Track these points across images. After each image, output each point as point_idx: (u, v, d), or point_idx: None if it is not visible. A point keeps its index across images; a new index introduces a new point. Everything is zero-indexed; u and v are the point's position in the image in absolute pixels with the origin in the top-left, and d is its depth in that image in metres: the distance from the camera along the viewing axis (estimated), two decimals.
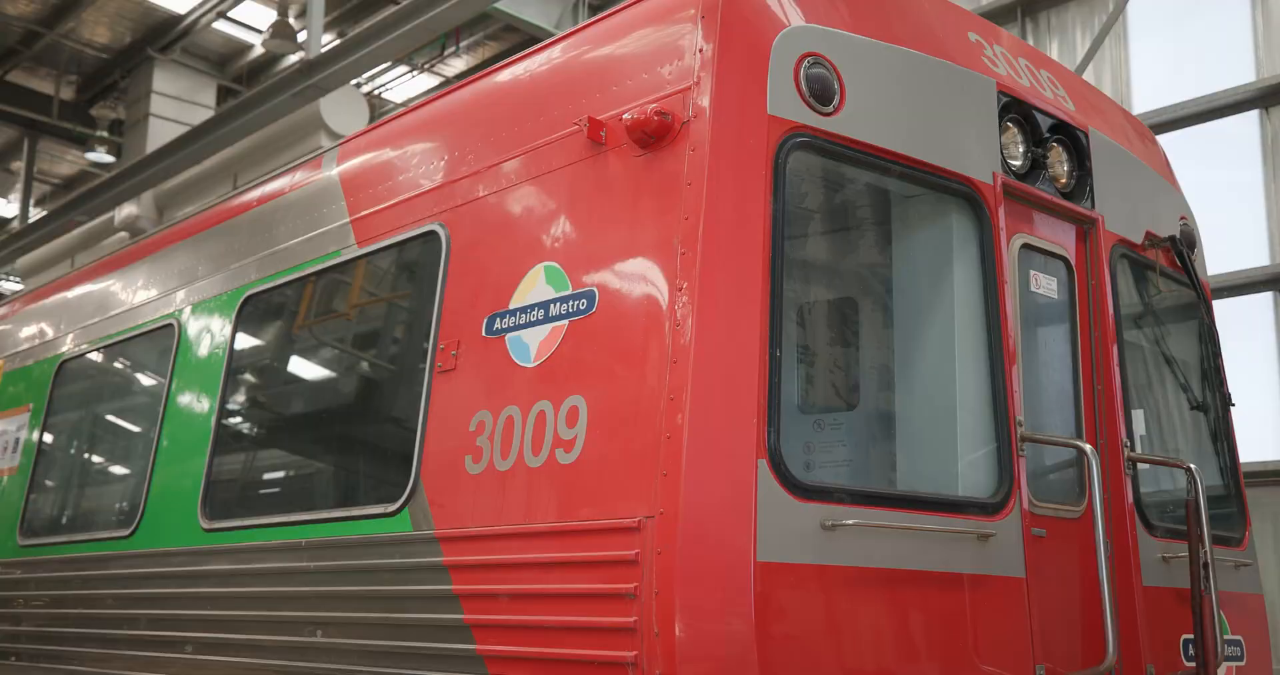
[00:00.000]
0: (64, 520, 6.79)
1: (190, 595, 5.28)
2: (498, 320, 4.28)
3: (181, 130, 14.96)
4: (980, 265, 4.35)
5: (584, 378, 3.88)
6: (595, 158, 4.15)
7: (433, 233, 4.69)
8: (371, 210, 5.08)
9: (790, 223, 3.90)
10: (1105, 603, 4.00)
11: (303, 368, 5.62)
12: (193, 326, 5.93)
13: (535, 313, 4.14)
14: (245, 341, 5.64)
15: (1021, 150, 4.64)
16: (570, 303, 4.03)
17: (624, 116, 3.98)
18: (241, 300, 5.64)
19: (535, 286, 4.19)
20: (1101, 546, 4.08)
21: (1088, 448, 4.18)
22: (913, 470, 4.37)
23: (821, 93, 3.96)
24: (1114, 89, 14.37)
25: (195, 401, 5.71)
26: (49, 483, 6.99)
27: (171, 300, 6.22)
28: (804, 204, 4.42)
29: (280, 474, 5.55)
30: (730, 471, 3.50)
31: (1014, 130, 4.62)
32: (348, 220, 5.21)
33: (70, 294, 7.51)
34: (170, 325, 6.10)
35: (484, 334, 4.31)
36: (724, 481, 3.49)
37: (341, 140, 5.70)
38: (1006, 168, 4.51)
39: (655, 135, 3.91)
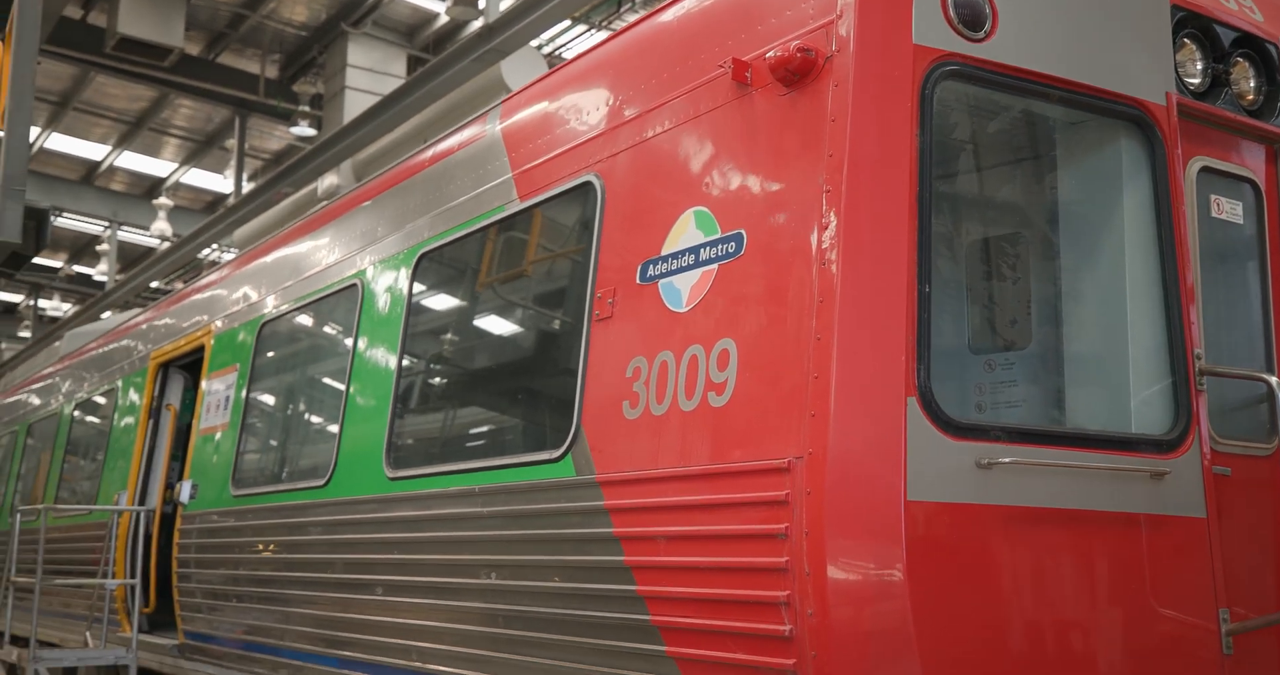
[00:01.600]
0: (268, 472, 7.22)
1: (378, 540, 5.55)
2: (650, 267, 4.31)
3: (374, 101, 15.53)
4: (1153, 192, 4.13)
5: (734, 321, 3.88)
6: (741, 99, 4.11)
7: (588, 183, 4.75)
8: (531, 164, 5.18)
9: (942, 156, 3.79)
10: None
11: (472, 321, 5.79)
12: (374, 285, 6.18)
13: (686, 258, 4.16)
14: (420, 298, 5.85)
15: (1200, 67, 4.36)
16: (719, 246, 4.02)
17: (767, 55, 3.93)
18: (416, 258, 5.85)
19: (686, 232, 4.20)
20: None
21: (1274, 380, 3.94)
22: (1084, 408, 4.21)
23: (971, 18, 3.81)
24: None
25: (378, 358, 5.97)
26: (255, 437, 7.44)
27: (355, 261, 6.49)
28: (956, 135, 4.27)
29: (454, 423, 5.75)
30: (879, 410, 3.45)
31: (1191, 46, 4.35)
32: (510, 175, 5.32)
33: (269, 259, 7.93)
34: (355, 285, 6.37)
35: (638, 281, 4.35)
36: (872, 420, 3.45)
37: (504, 97, 5.82)
38: (1182, 87, 4.25)
39: (799, 73, 3.85)
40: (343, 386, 6.18)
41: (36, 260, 32.74)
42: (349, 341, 6.25)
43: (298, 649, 6.26)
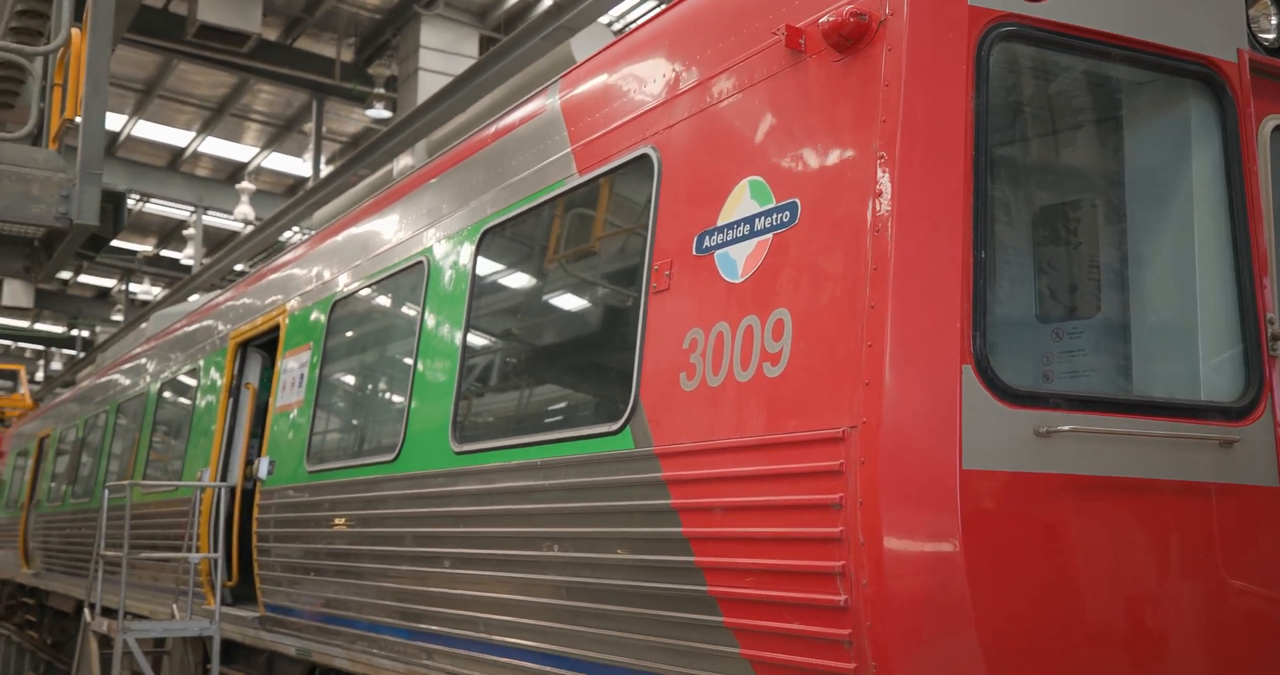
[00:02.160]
0: (341, 448, 7.35)
1: (445, 514, 5.62)
2: (707, 238, 4.29)
3: (447, 82, 15.65)
4: (1223, 153, 4.02)
5: (788, 290, 3.85)
6: (795, 66, 4.07)
7: (645, 156, 4.73)
8: (590, 138, 5.18)
9: (1002, 120, 3.71)
10: None
11: (533, 297, 5.82)
12: (439, 262, 6.24)
13: (741, 228, 4.13)
14: (483, 274, 5.89)
15: (1275, 23, 4.22)
16: (773, 216, 3.99)
17: (821, 21, 3.88)
18: (480, 234, 5.89)
19: (741, 202, 4.17)
20: None
21: None
22: (1152, 376, 4.12)
23: None
24: None
25: (443, 334, 6.03)
26: (328, 414, 7.57)
27: (421, 238, 6.55)
28: (1015, 98, 4.18)
29: (516, 397, 5.79)
30: (933, 378, 3.41)
31: (1265, 0, 4.20)
32: (569, 150, 5.33)
33: (340, 238, 8.04)
34: (421, 262, 6.43)
35: (694, 253, 4.34)
36: (927, 389, 3.41)
37: (563, 72, 5.82)
38: (1255, 43, 4.12)
39: (852, 37, 3.79)
40: (411, 363, 6.26)
41: (127, 245, 33.61)
42: (416, 318, 6.32)
43: (372, 621, 6.38)
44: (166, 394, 11.45)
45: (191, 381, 10.52)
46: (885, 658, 3.32)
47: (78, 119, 6.57)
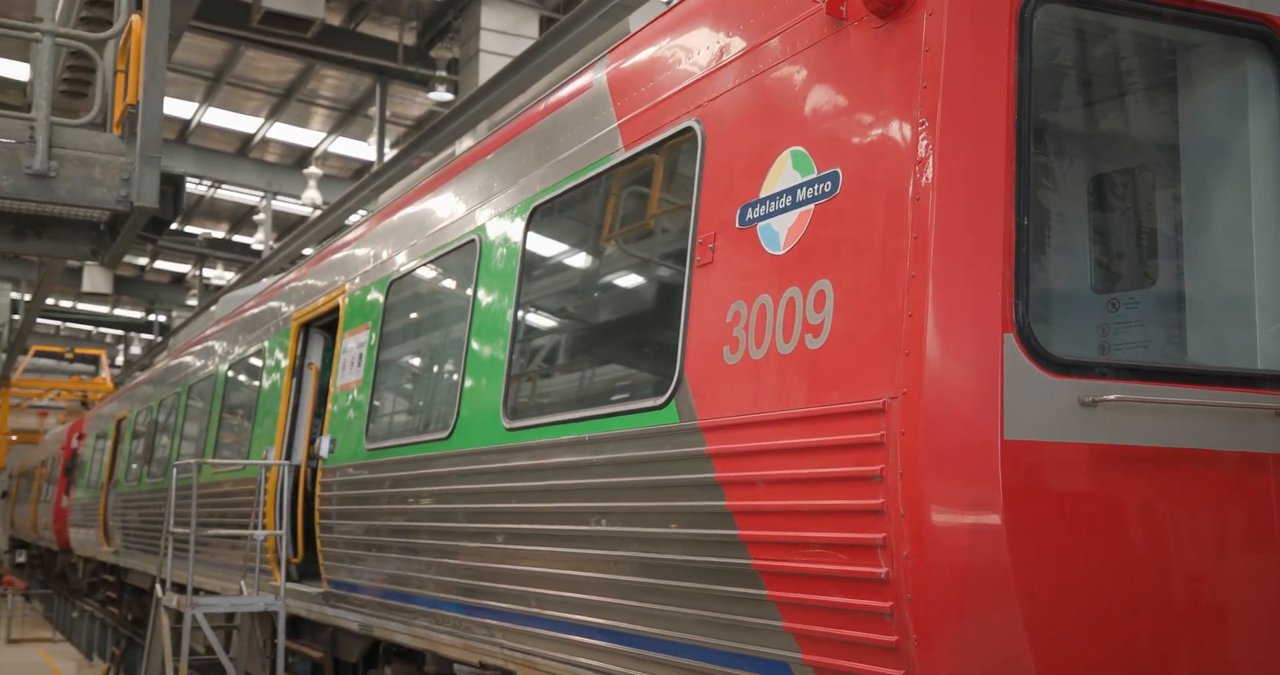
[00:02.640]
0: (397, 426, 7.43)
1: (498, 490, 5.66)
2: (750, 210, 4.26)
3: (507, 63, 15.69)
4: None
5: (830, 261, 3.81)
6: (837, 34, 4.01)
7: (689, 129, 4.71)
8: (636, 112, 5.16)
9: (1045, 85, 3.63)
10: None
11: (580, 273, 5.83)
12: (490, 241, 6.26)
13: (783, 199, 4.09)
14: (533, 252, 5.91)
15: None
16: (815, 186, 3.95)
17: None
18: (529, 212, 5.90)
19: (784, 173, 4.13)
20: None
21: None
22: (1207, 345, 4.02)
23: None
24: None
25: (495, 311, 6.06)
26: (385, 393, 7.65)
27: (474, 216, 6.58)
28: (1059, 62, 4.08)
29: (564, 372, 5.81)
30: (974, 348, 3.35)
31: None
32: (615, 125, 5.31)
33: (396, 218, 8.11)
34: (474, 240, 6.47)
35: (737, 225, 4.31)
36: (967, 358, 3.35)
37: (610, 47, 5.80)
38: None
39: (893, 3, 3.72)
40: (464, 340, 6.30)
41: (199, 230, 34.23)
42: (469, 296, 6.36)
43: (431, 596, 6.45)
44: (234, 375, 11.66)
45: (257, 362, 10.70)
46: (926, 630, 3.28)
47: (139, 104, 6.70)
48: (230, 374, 11.79)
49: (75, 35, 7.37)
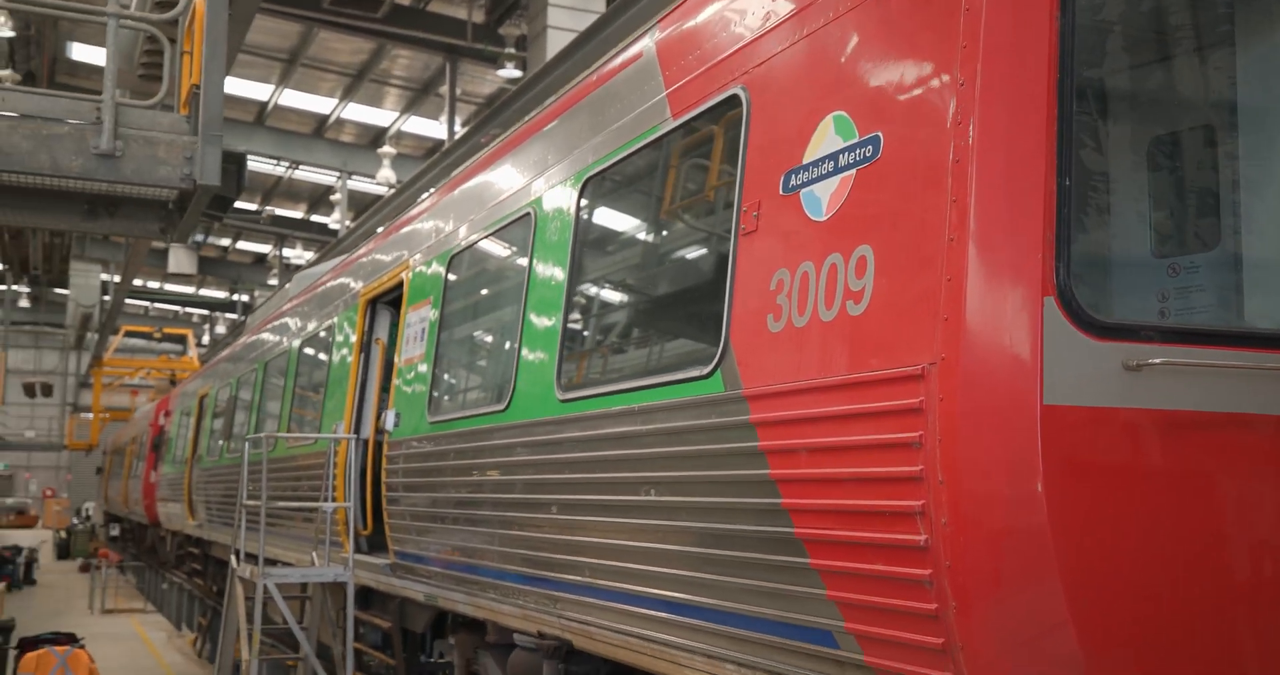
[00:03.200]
0: (458, 399, 7.50)
1: (552, 461, 5.70)
2: (793, 177, 4.22)
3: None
4: None
5: (871, 226, 3.76)
6: None
7: (735, 97, 4.67)
8: (683, 81, 5.13)
9: (1090, 42, 3.53)
10: None
11: (630, 244, 5.82)
12: (545, 213, 6.28)
13: (826, 165, 4.05)
14: (585, 223, 5.91)
15: None
16: (857, 151, 3.90)
17: None
18: (582, 183, 5.91)
19: (826, 138, 4.08)
20: None
21: None
22: (1264, 309, 3.90)
23: None
24: None
25: (549, 283, 6.08)
26: (446, 366, 7.73)
27: (530, 189, 6.61)
28: (1105, 18, 3.97)
29: (614, 343, 5.82)
30: (1014, 312, 3.29)
31: None
32: (664, 94, 5.29)
33: (456, 193, 8.16)
34: (529, 213, 6.49)
35: (781, 192, 4.27)
36: (1007, 323, 3.29)
37: (660, 16, 5.76)
38: None
39: None
40: (520, 313, 6.34)
41: (282, 212, 34.80)
42: (525, 269, 6.39)
43: (491, 567, 6.52)
44: (306, 351, 11.86)
45: (327, 339, 10.88)
46: (965, 597, 3.24)
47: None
48: (302, 350, 12.00)
49: (139, 17, 7.51)
